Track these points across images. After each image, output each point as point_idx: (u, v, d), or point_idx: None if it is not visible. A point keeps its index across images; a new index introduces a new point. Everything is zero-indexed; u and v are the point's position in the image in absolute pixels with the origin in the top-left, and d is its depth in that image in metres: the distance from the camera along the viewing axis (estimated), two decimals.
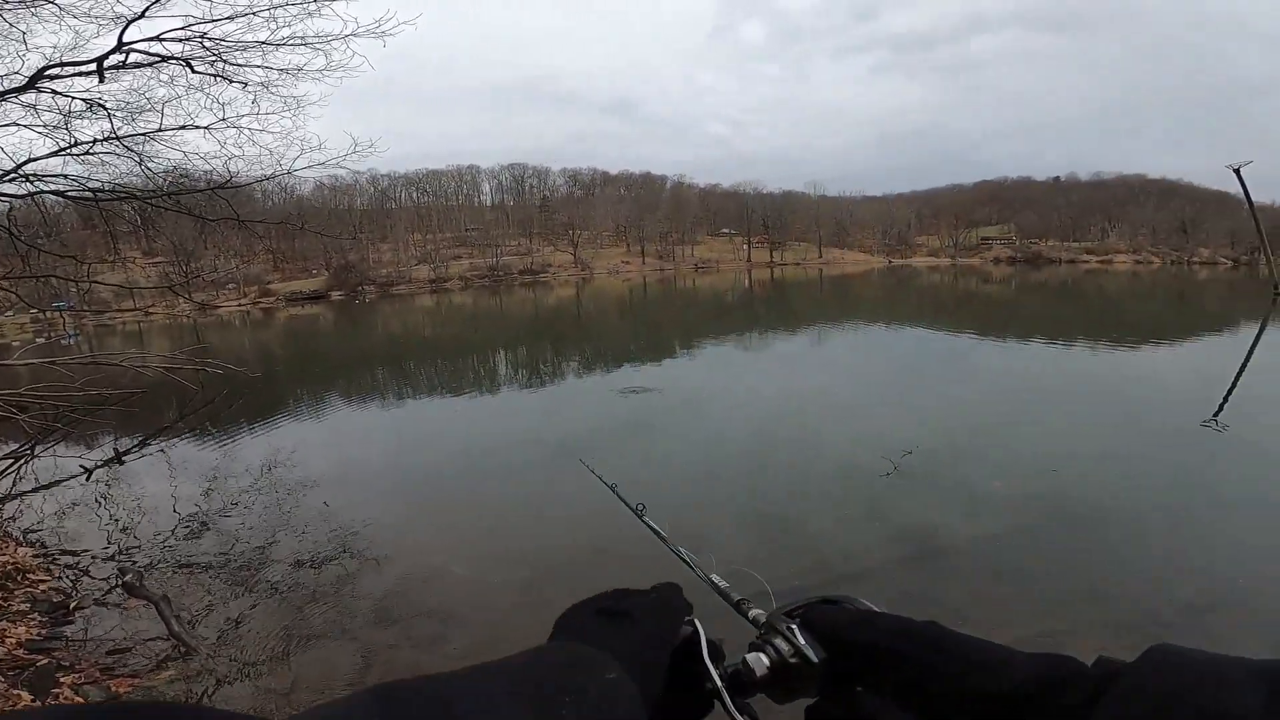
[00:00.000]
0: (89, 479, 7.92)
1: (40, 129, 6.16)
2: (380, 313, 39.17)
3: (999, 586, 4.58)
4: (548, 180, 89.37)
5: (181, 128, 6.23)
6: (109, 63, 5.53)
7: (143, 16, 5.30)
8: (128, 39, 5.47)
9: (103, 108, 5.89)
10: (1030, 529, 5.56)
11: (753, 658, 0.51)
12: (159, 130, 6.14)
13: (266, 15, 5.45)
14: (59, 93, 5.94)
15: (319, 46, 5.80)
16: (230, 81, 5.91)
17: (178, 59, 5.68)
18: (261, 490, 7.26)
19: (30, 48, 5.61)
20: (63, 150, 6.25)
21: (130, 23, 5.33)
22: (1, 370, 10.88)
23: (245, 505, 6.78)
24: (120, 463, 8.75)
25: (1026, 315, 27.65)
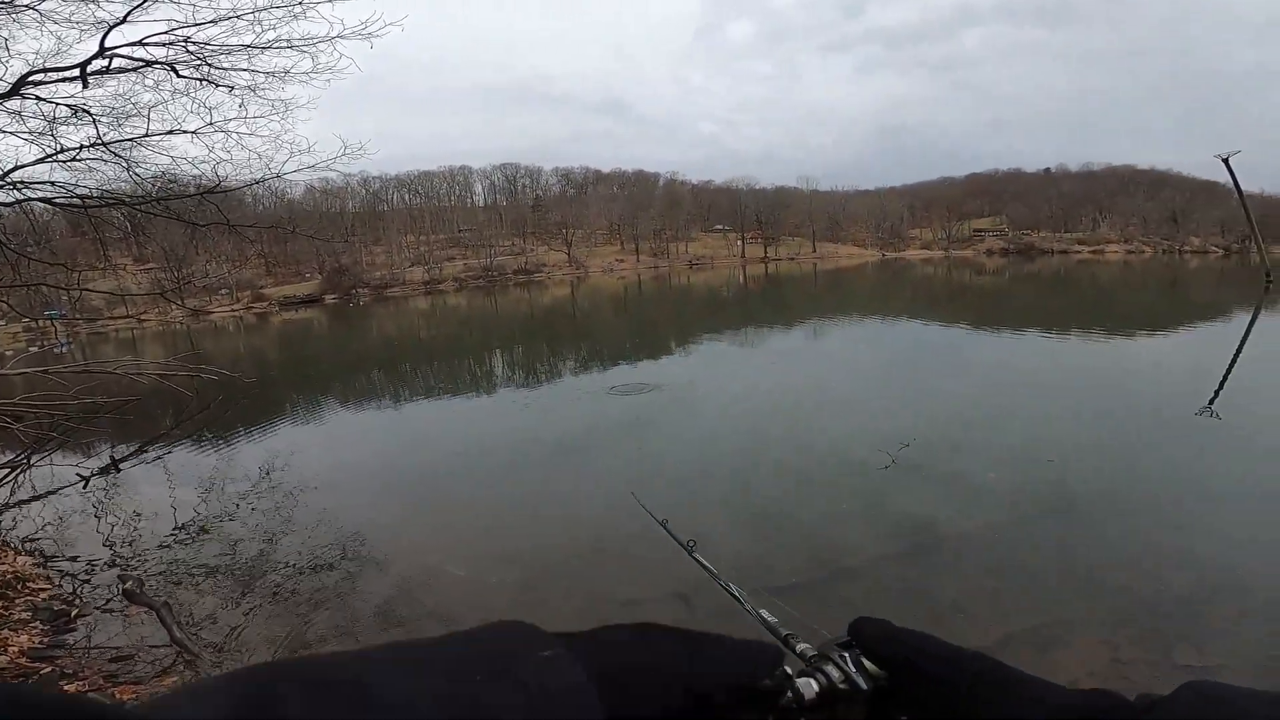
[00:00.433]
0: (86, 487, 7.89)
1: (26, 135, 6.12)
2: (375, 315, 39.06)
3: (995, 579, 4.59)
4: (540, 180, 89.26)
5: (169, 133, 6.20)
6: (92, 68, 5.48)
7: (125, 21, 5.26)
8: (110, 44, 5.43)
9: (88, 113, 5.85)
10: (1026, 521, 5.57)
11: (803, 683, 0.52)
12: (146, 135, 6.11)
13: (251, 18, 5.43)
14: (43, 99, 5.91)
15: (305, 49, 5.78)
16: (216, 85, 5.88)
17: (162, 63, 5.65)
18: (260, 495, 7.24)
19: (12, 54, 5.58)
20: (49, 157, 6.21)
21: (112, 28, 5.29)
22: None
23: (244, 510, 6.77)
24: (117, 470, 8.72)
25: (1020, 306, 27.74)
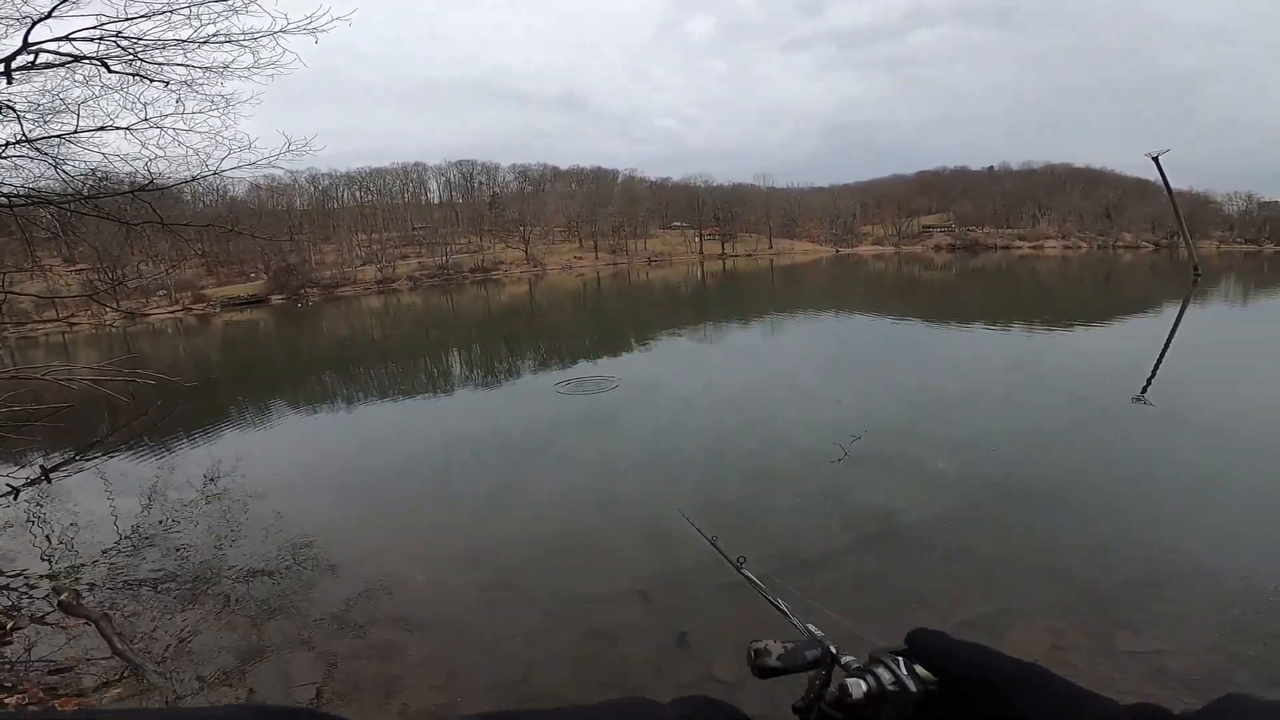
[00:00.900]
0: (16, 499, 7.52)
1: None
2: (325, 316, 37.97)
3: (949, 566, 4.75)
4: (497, 177, 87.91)
5: (100, 129, 5.92)
6: (17, 64, 5.22)
7: (50, 16, 5.02)
8: (35, 39, 5.18)
9: (12, 109, 5.58)
10: (977, 508, 5.79)
11: (852, 683, 0.54)
12: (75, 132, 5.83)
13: (187, 13, 5.25)
14: None
15: (246, 44, 5.61)
16: (151, 81, 5.64)
17: (92, 59, 5.40)
18: (207, 502, 7.02)
19: None
20: None
21: (36, 23, 5.05)
22: None
23: (190, 518, 6.56)
24: (48, 480, 8.31)
25: (966, 301, 28.79)
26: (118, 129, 5.91)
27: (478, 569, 5.11)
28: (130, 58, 5.51)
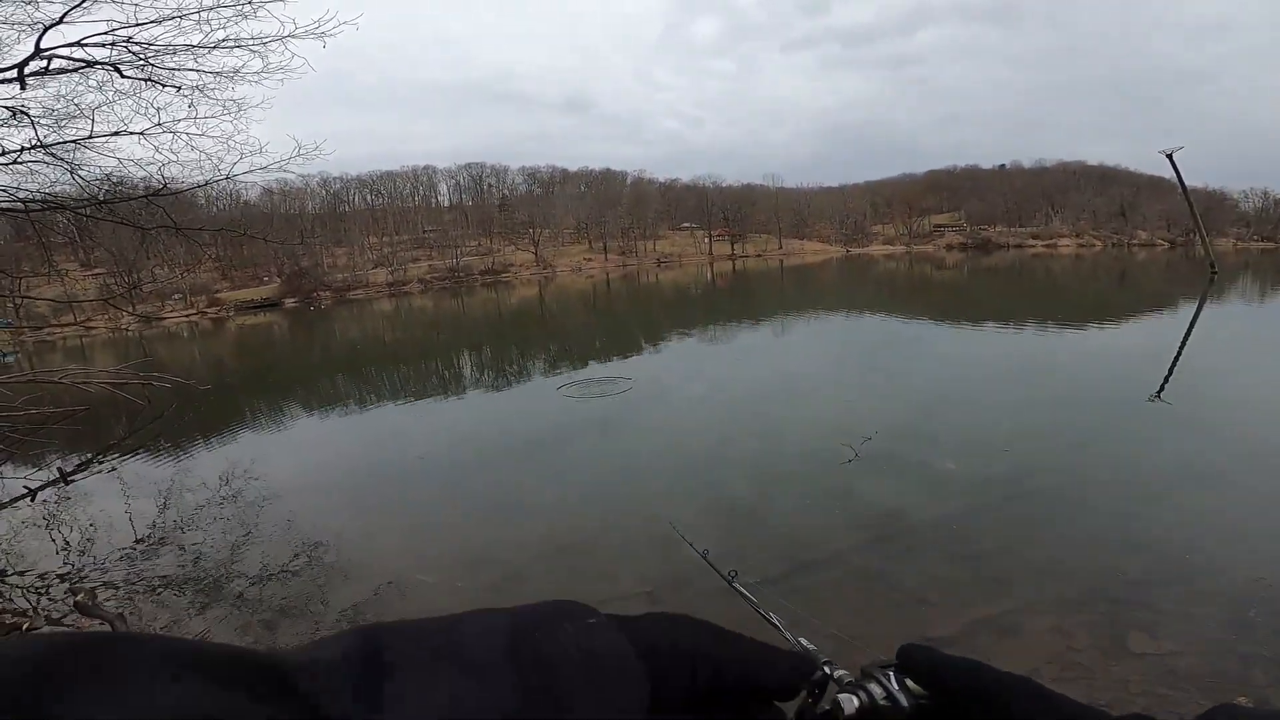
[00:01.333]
0: (34, 500, 7.63)
1: None
2: (337, 319, 38.28)
3: (957, 567, 4.71)
4: (506, 179, 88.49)
5: (114, 134, 6.00)
6: (30, 69, 5.30)
7: (61, 22, 5.10)
8: (47, 45, 5.26)
9: (26, 115, 5.67)
10: (985, 509, 5.74)
11: (844, 698, 0.52)
12: (90, 137, 5.91)
13: (197, 18, 5.32)
14: None
15: (255, 49, 5.67)
16: (163, 86, 5.72)
17: (104, 64, 5.48)
18: (221, 504, 7.10)
19: None
20: None
21: (48, 29, 5.12)
22: None
23: (204, 520, 6.63)
24: (66, 483, 8.43)
25: (979, 299, 28.57)
26: (131, 134, 5.99)
27: (485, 570, 5.13)
28: (142, 63, 5.59)
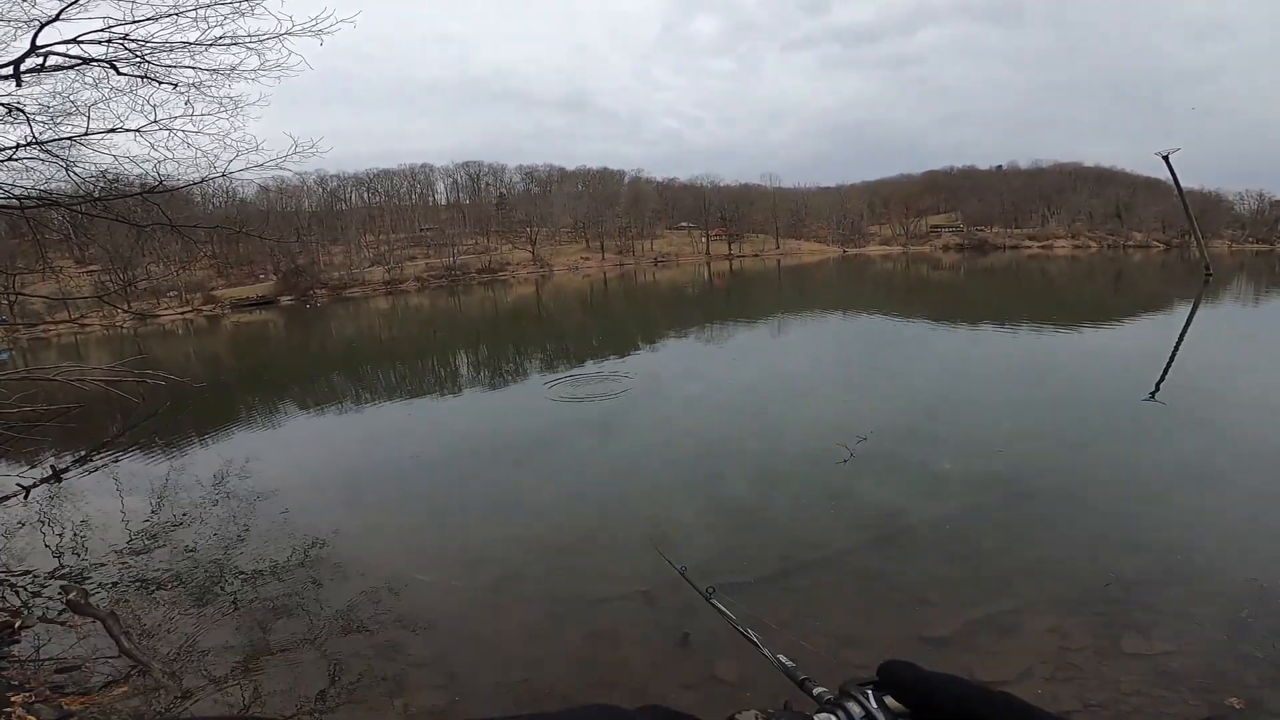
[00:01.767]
0: (27, 498, 7.60)
1: None
2: (333, 316, 38.18)
3: (954, 568, 4.72)
4: (503, 177, 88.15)
5: (110, 131, 5.97)
6: (26, 66, 5.27)
7: (58, 19, 5.07)
8: (43, 41, 5.22)
9: (22, 112, 5.63)
10: (982, 509, 5.75)
11: (823, 718, 0.53)
12: (86, 134, 5.87)
13: (194, 15, 5.29)
14: None
15: (252, 46, 5.64)
16: (159, 83, 5.69)
17: (100, 61, 5.45)
18: (215, 502, 7.08)
19: None
20: None
21: (44, 25, 5.09)
22: None
23: (199, 518, 6.61)
24: (59, 481, 8.39)
25: (975, 300, 28.63)
26: (127, 131, 5.95)
27: (483, 570, 5.13)
28: (139, 60, 5.56)
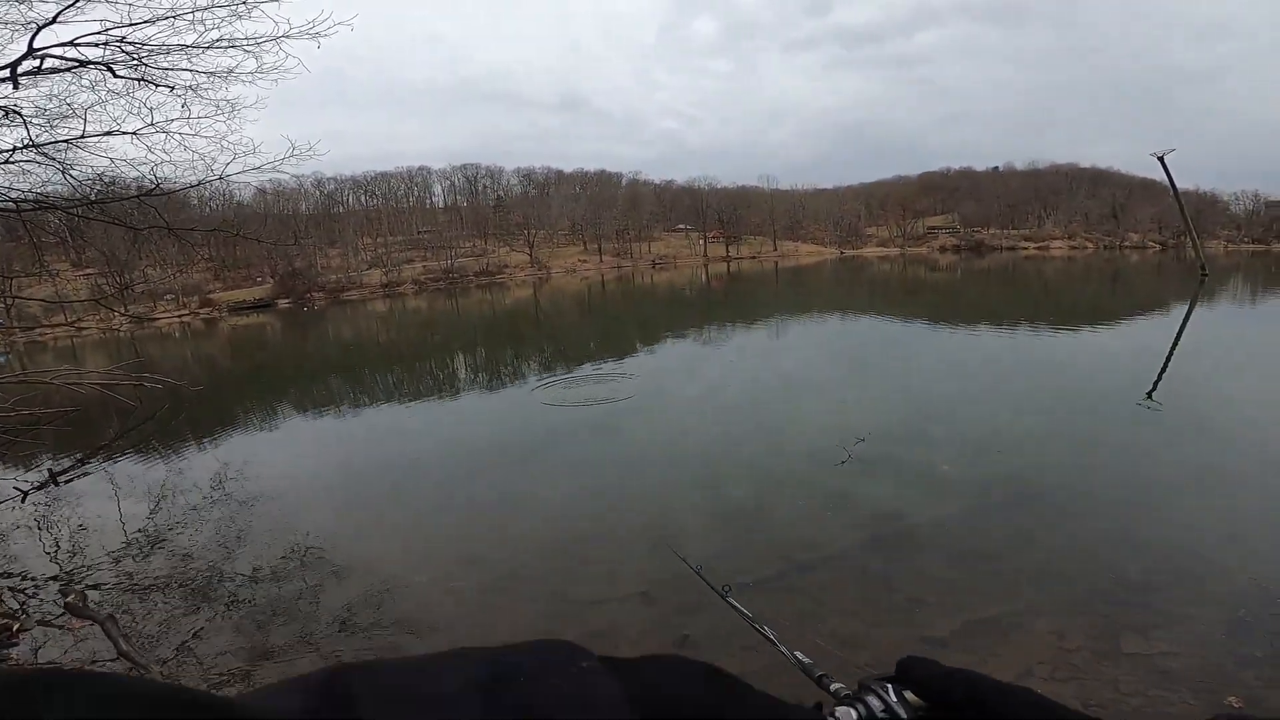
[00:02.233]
0: (24, 502, 7.57)
1: None
2: (331, 319, 38.12)
3: (952, 570, 4.72)
4: (501, 180, 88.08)
5: (107, 134, 5.96)
6: (23, 69, 5.27)
7: (55, 21, 5.06)
8: (40, 44, 5.22)
9: (19, 115, 5.63)
10: (979, 511, 5.76)
11: (843, 711, 0.54)
12: (82, 137, 5.87)
13: (191, 18, 5.28)
14: None
15: (249, 49, 5.64)
16: (156, 86, 5.69)
17: (97, 64, 5.45)
18: (213, 505, 7.06)
19: None
20: None
21: (41, 28, 5.09)
22: None
23: (196, 521, 6.60)
24: (56, 484, 8.37)
25: (972, 301, 28.67)
26: (124, 134, 5.95)
27: (482, 570, 5.12)
28: (135, 63, 5.55)
